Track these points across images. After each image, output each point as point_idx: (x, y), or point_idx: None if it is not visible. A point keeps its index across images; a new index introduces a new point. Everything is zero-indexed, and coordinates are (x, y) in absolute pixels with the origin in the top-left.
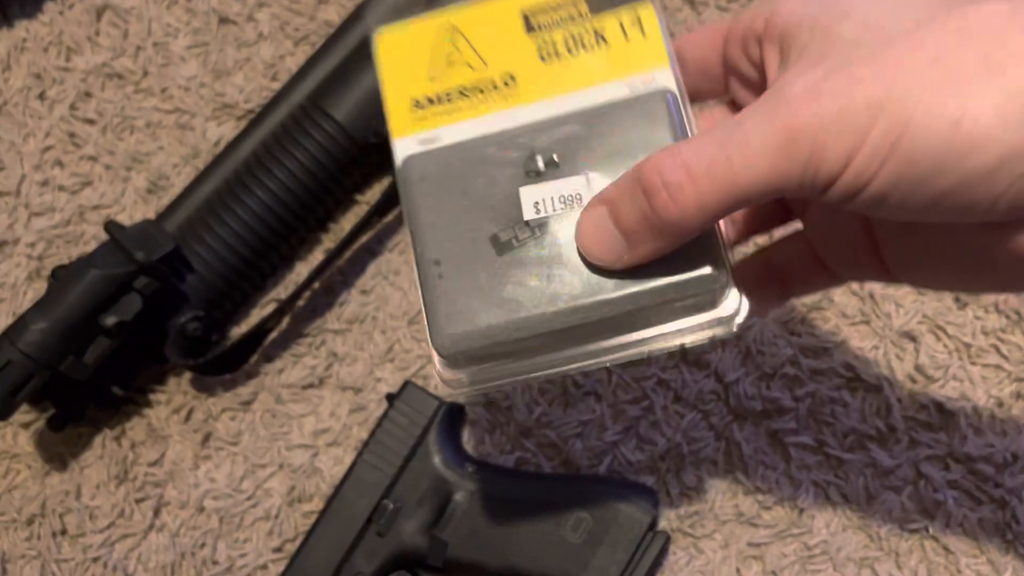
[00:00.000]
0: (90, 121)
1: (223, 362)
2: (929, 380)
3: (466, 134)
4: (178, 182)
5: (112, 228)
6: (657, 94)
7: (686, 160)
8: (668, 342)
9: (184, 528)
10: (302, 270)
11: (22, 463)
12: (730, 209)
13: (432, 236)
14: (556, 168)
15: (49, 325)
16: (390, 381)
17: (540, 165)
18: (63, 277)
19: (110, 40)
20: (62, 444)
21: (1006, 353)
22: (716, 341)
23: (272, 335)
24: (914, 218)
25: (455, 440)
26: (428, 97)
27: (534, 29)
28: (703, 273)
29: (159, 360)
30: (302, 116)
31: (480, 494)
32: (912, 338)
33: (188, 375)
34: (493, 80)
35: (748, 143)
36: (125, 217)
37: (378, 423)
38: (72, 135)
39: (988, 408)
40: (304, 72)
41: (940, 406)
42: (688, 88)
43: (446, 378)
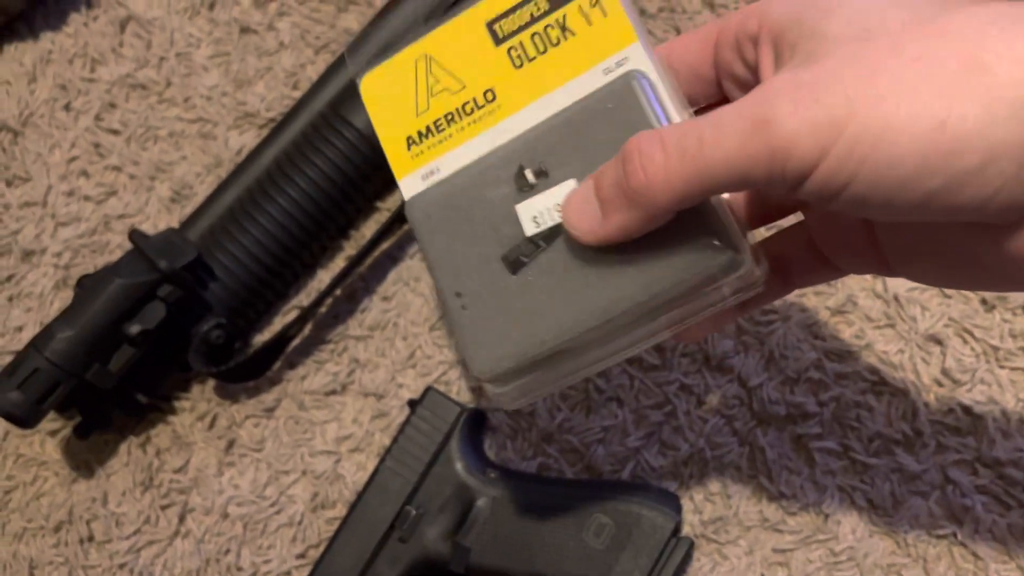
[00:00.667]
0: (115, 131)
1: (246, 369)
2: (956, 384)
3: (462, 159)
4: (201, 191)
5: (136, 237)
6: (624, 79)
7: (663, 134)
8: (700, 314)
9: (209, 534)
10: (324, 277)
11: (49, 470)
12: (700, 190)
13: (448, 270)
14: (546, 178)
15: (75, 334)
16: (412, 387)
17: (531, 178)
18: (88, 286)
19: (134, 51)
20: (88, 451)
21: None
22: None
23: (295, 342)
24: (903, 219)
25: (477, 446)
26: (420, 132)
27: (501, 39)
28: (718, 258)
29: (183, 368)
30: (323, 124)
31: (502, 500)
32: (938, 341)
33: (212, 382)
34: (475, 99)
35: (720, 125)
36: (149, 226)
37: (400, 429)
38: (97, 145)
39: (1017, 412)
40: (324, 80)
41: (967, 410)
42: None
43: (496, 394)
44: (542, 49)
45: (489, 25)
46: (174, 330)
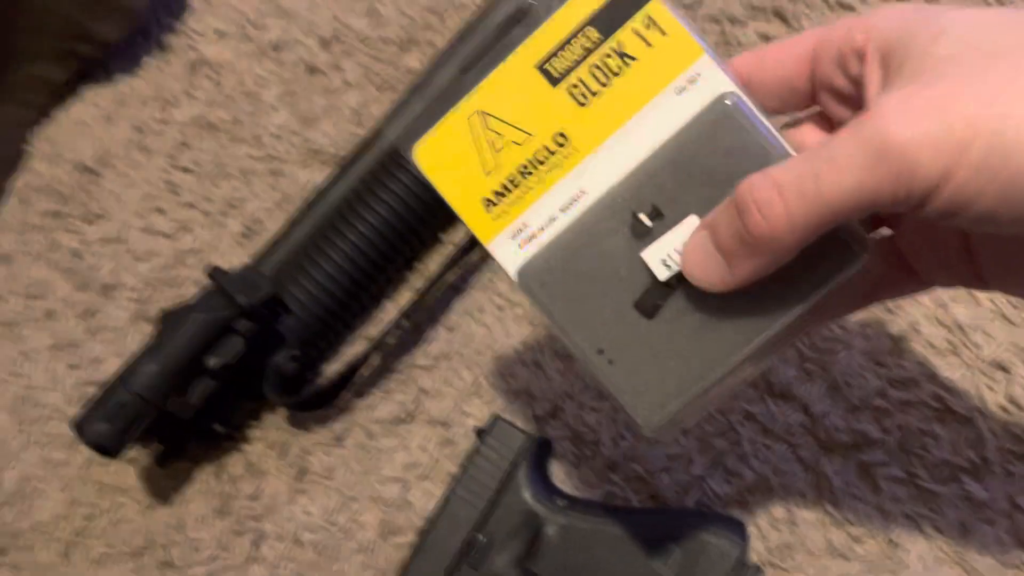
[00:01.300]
0: (187, 170)
1: (317, 399)
2: (1022, 410)
3: (549, 209)
4: (271, 226)
5: (216, 274)
6: (718, 102)
7: (776, 177)
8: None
9: (283, 560)
10: (390, 308)
11: (128, 497)
12: (823, 224)
13: (582, 331)
14: (662, 219)
15: (158, 367)
16: (477, 415)
17: (646, 221)
18: (170, 322)
19: (205, 93)
20: (165, 479)
21: None
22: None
23: (362, 372)
24: None
25: (544, 474)
26: (495, 191)
27: (557, 79)
28: (857, 260)
29: (256, 397)
30: (389, 162)
31: (570, 528)
32: (1003, 368)
33: (283, 411)
34: (546, 146)
35: (835, 159)
36: (221, 260)
37: (468, 457)
38: (170, 183)
39: None
40: (389, 118)
41: None
42: (770, 103)
43: (654, 431)
44: (604, 81)
45: (540, 67)
46: (250, 362)
